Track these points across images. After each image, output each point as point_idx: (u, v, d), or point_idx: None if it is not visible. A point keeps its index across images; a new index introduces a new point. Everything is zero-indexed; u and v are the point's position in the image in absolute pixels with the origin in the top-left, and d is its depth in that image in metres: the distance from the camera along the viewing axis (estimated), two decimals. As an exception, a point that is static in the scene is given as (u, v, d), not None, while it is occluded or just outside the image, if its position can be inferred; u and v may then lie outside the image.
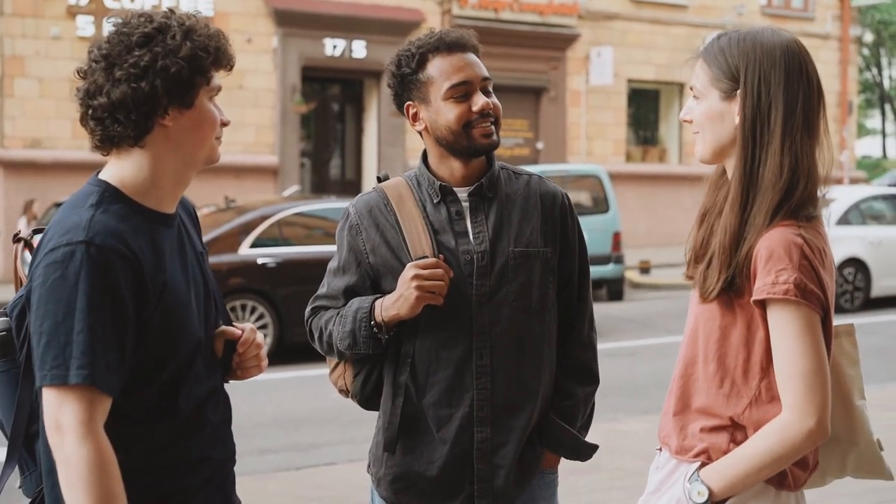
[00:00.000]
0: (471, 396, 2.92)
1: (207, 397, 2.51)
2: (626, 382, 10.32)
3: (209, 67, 2.42)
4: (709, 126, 2.55)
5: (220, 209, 13.52)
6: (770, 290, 2.37)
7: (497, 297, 2.93)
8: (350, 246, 3.01)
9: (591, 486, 6.54)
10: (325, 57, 22.20)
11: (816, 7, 28.41)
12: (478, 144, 2.93)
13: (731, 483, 2.43)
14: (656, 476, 2.64)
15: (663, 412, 2.66)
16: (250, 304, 11.84)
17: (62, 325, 2.22)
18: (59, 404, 2.22)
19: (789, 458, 2.40)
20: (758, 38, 2.51)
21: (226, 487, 2.60)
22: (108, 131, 2.38)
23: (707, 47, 2.59)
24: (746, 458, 2.42)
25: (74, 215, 2.32)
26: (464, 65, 2.92)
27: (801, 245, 2.38)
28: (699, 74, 2.57)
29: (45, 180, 19.13)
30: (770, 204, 2.43)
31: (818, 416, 2.37)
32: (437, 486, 2.97)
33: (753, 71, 2.47)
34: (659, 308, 16.34)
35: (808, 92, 2.48)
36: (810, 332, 2.38)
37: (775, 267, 2.37)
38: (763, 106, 2.46)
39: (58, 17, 19.58)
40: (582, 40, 24.88)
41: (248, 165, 21.05)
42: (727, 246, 2.47)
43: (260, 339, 2.65)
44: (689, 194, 25.90)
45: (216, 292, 2.62)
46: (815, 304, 2.37)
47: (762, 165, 2.45)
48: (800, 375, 2.37)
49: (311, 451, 8.14)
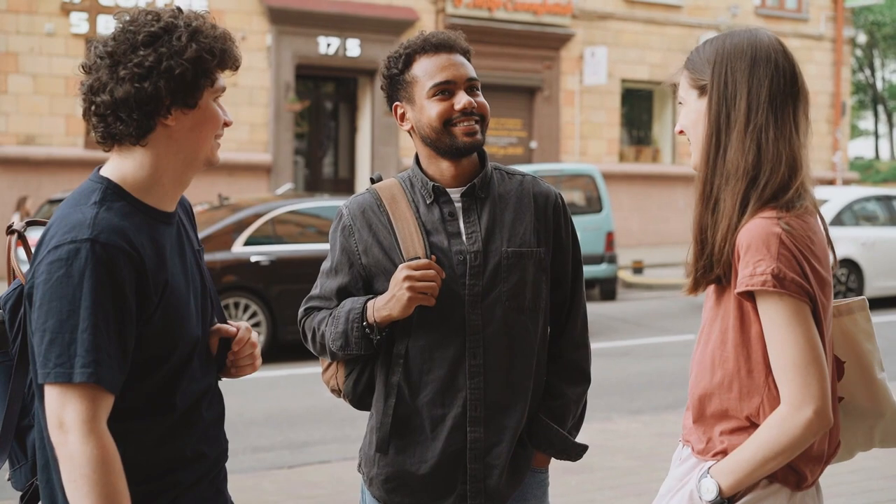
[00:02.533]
0: (464, 396, 2.92)
1: (202, 395, 2.52)
2: (618, 382, 10.33)
3: (214, 69, 2.41)
4: (692, 129, 2.57)
5: (214, 207, 13.49)
6: (748, 282, 2.38)
7: (490, 296, 2.93)
8: (343, 247, 3.01)
9: (582, 486, 6.55)
10: (319, 55, 22.20)
11: (810, 8, 28.45)
12: (460, 143, 2.92)
13: (737, 478, 2.44)
14: (677, 470, 2.65)
15: (686, 408, 2.67)
16: (243, 301, 11.83)
17: (67, 323, 2.22)
18: (63, 402, 2.22)
19: (792, 449, 2.40)
20: (730, 36, 2.55)
21: (218, 483, 2.61)
22: (111, 129, 2.38)
23: (688, 56, 2.62)
24: (750, 452, 2.42)
25: (78, 212, 2.32)
26: (448, 65, 2.93)
27: (780, 234, 2.37)
28: (682, 82, 2.60)
29: (39, 177, 19.11)
30: (735, 191, 2.44)
31: (815, 406, 2.36)
32: (430, 485, 2.97)
33: (721, 63, 2.50)
34: (652, 308, 16.34)
35: (775, 79, 2.48)
36: (798, 322, 2.37)
37: (753, 258, 2.38)
38: (729, 94, 2.48)
39: (52, 13, 19.56)
40: (576, 40, 24.89)
41: (241, 163, 21.06)
42: (697, 237, 2.50)
43: (255, 338, 2.66)
44: (683, 194, 25.99)
45: (212, 290, 2.62)
46: (798, 293, 2.36)
47: (726, 153, 2.47)
48: (792, 366, 2.37)
49: (304, 449, 8.13)
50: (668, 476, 2.67)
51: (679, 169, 26.48)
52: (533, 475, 3.10)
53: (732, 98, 2.48)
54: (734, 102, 2.47)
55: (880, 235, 16.43)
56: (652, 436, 7.95)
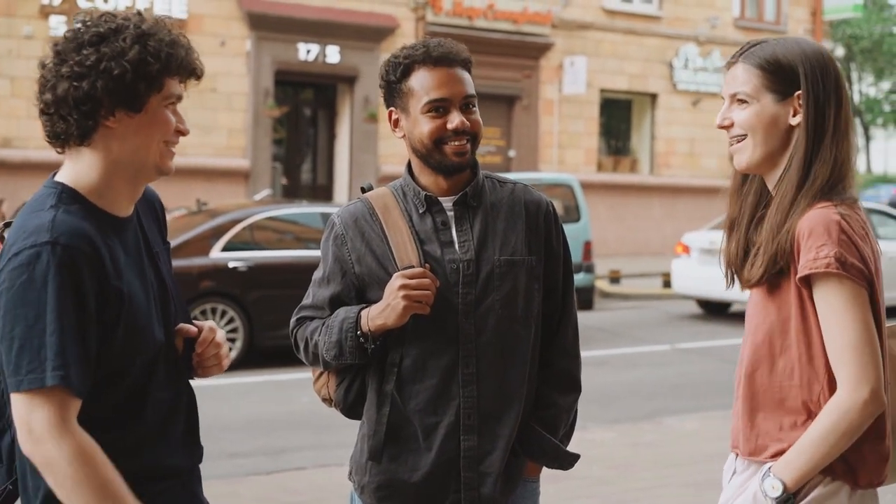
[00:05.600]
0: (457, 405, 2.92)
1: (173, 403, 2.50)
2: (595, 392, 10.34)
3: (159, 74, 2.36)
4: (760, 130, 2.61)
5: (192, 212, 13.45)
6: (812, 266, 2.43)
7: (483, 305, 2.93)
8: (335, 256, 3.00)
9: (559, 495, 6.55)
10: (299, 61, 22.18)
11: (789, 21, 28.62)
12: (449, 161, 2.92)
13: (800, 471, 2.47)
14: (735, 479, 2.67)
15: (733, 416, 2.69)
16: (220, 307, 11.78)
17: (34, 328, 2.21)
18: (29, 410, 2.21)
19: (851, 432, 2.43)
20: (801, 44, 2.63)
21: (192, 485, 2.59)
22: (55, 127, 2.36)
23: (750, 54, 2.64)
24: (811, 442, 2.45)
25: (36, 218, 2.30)
26: (446, 81, 2.91)
27: (839, 221, 2.45)
28: (745, 79, 2.62)
29: (15, 180, 19.01)
30: (813, 197, 2.52)
31: (871, 387, 2.41)
32: (423, 493, 2.96)
33: (812, 72, 2.57)
34: (629, 318, 16.39)
35: (845, 92, 2.61)
36: (856, 305, 2.43)
37: (815, 243, 2.44)
38: (820, 105, 2.56)
39: (30, 16, 19.48)
40: (555, 49, 24.96)
41: (219, 168, 21.00)
42: (773, 236, 2.54)
43: (220, 337, 2.62)
44: (660, 205, 26.09)
45: (175, 291, 2.59)
46: (858, 278, 2.43)
47: (816, 159, 2.55)
48: (849, 348, 2.42)
49: (281, 455, 8.12)
50: (724, 490, 2.70)
51: (657, 179, 26.56)
52: (525, 485, 3.10)
53: (823, 110, 2.56)
54: (825, 115, 2.56)
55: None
56: (628, 445, 7.97)
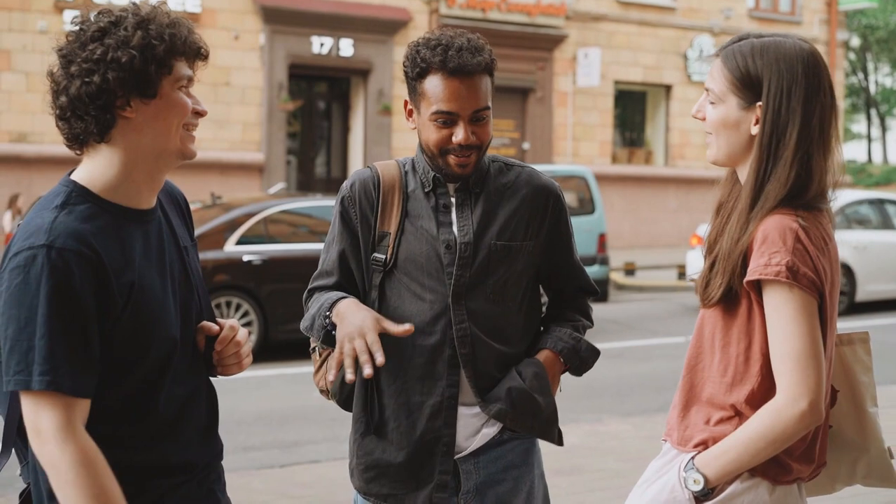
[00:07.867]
0: (442, 385, 2.94)
1: (189, 398, 2.50)
2: (610, 384, 10.33)
3: (165, 55, 2.34)
4: (723, 132, 2.56)
5: (206, 205, 13.46)
6: (762, 272, 2.40)
7: (476, 288, 2.95)
8: (342, 216, 3.04)
9: (572, 488, 6.54)
10: (312, 55, 22.18)
11: (804, 11, 28.50)
12: (451, 172, 2.95)
13: (724, 469, 2.45)
14: (655, 463, 2.65)
15: (671, 407, 2.68)
16: (235, 301, 11.80)
17: (24, 331, 2.21)
18: (36, 410, 2.22)
19: (782, 441, 2.41)
20: (781, 49, 2.51)
21: (209, 482, 2.59)
22: (73, 129, 2.34)
23: (728, 51, 2.57)
24: (740, 442, 2.43)
25: (38, 218, 2.29)
26: (457, 95, 2.87)
27: (797, 230, 2.41)
28: (717, 78, 2.56)
29: (31, 174, 19.08)
30: (770, 206, 2.46)
31: (810, 399, 2.38)
32: (407, 473, 2.98)
33: (777, 85, 2.48)
34: (643, 310, 16.37)
35: (824, 106, 2.50)
36: (804, 315, 2.39)
37: (769, 249, 2.40)
38: (782, 121, 2.47)
39: (45, 11, 19.52)
40: (569, 41, 24.91)
41: (233, 162, 21.03)
42: (729, 252, 2.49)
43: (241, 336, 2.60)
44: (675, 196, 26.02)
45: (200, 288, 2.58)
46: (808, 288, 2.39)
47: (772, 176, 2.48)
48: (793, 358, 2.38)
49: (294, 448, 8.13)
50: (646, 470, 2.68)
51: (671, 171, 26.49)
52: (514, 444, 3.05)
53: (784, 126, 2.48)
54: (785, 131, 2.48)
55: (872, 239, 16.45)
56: (642, 438, 7.95)
